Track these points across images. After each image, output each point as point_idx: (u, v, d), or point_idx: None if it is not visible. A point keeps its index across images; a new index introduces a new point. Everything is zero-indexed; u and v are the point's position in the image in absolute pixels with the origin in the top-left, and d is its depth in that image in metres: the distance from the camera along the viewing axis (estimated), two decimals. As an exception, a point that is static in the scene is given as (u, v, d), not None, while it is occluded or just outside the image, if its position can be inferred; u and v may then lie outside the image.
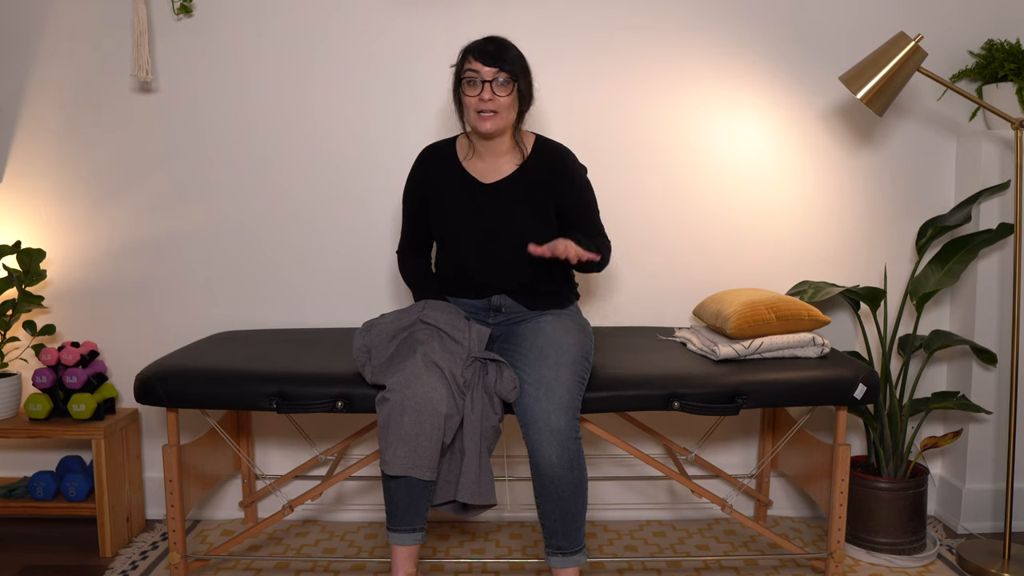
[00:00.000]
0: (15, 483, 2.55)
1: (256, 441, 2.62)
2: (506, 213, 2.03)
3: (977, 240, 2.37)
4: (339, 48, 2.51)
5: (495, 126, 1.97)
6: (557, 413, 1.79)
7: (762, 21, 2.53)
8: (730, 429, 2.64)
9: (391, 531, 1.83)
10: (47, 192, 2.56)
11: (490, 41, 1.96)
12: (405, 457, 1.76)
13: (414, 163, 2.15)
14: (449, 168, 2.09)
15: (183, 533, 2.07)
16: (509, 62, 1.93)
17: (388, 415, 1.78)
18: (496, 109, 1.95)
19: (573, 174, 2.06)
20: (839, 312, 2.61)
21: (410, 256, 2.18)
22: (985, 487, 2.55)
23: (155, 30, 2.50)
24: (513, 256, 2.03)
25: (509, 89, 1.95)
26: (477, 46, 1.96)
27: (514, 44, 1.99)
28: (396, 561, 1.83)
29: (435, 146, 2.14)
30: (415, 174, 2.13)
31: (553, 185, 2.05)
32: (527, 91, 2.00)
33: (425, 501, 1.83)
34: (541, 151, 2.08)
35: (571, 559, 1.85)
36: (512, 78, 1.94)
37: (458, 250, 2.07)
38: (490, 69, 1.93)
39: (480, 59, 1.93)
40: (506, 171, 2.06)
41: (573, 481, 1.80)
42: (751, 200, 2.58)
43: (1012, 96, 2.43)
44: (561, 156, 2.08)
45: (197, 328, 2.60)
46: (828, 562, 2.12)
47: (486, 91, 1.93)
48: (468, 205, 2.05)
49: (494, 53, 1.93)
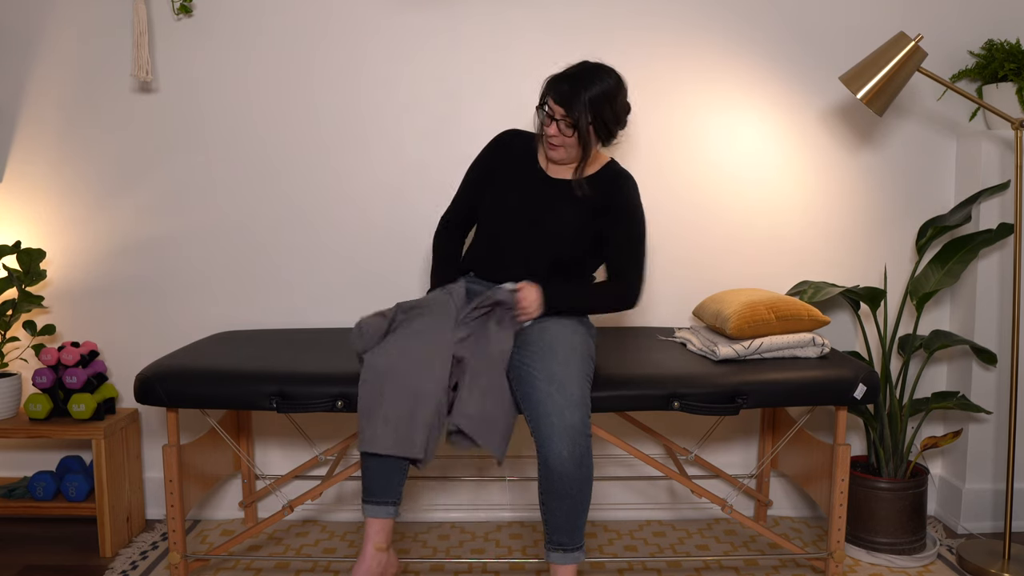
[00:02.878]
0: (15, 483, 2.55)
1: (256, 441, 2.62)
2: (554, 207, 2.05)
3: (977, 240, 2.37)
4: (339, 48, 2.51)
5: (560, 157, 2.03)
6: (571, 409, 1.79)
7: (762, 21, 2.53)
8: (730, 429, 2.64)
9: (365, 503, 1.84)
10: (47, 192, 2.56)
11: (572, 77, 1.95)
12: (385, 436, 1.77)
13: (494, 138, 2.18)
14: (524, 152, 2.13)
15: (183, 533, 2.07)
16: (577, 108, 1.93)
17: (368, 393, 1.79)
18: (562, 144, 2.00)
19: (624, 205, 2.05)
20: (839, 312, 2.61)
21: (449, 230, 2.19)
22: (985, 487, 2.55)
23: (155, 30, 2.50)
24: (540, 250, 2.05)
25: (573, 131, 1.97)
26: (558, 79, 1.97)
27: (601, 79, 1.95)
28: (368, 532, 1.84)
29: (518, 131, 2.18)
30: (493, 146, 2.17)
31: (603, 208, 2.06)
32: (601, 130, 2.00)
33: (400, 477, 1.84)
34: (607, 173, 2.09)
35: (571, 555, 1.85)
36: (575, 125, 1.95)
37: (495, 228, 2.08)
38: (559, 109, 1.96)
39: (554, 96, 1.96)
40: (571, 174, 2.09)
41: (581, 478, 1.80)
42: (751, 200, 2.58)
43: (1012, 96, 2.43)
44: (619, 183, 2.07)
45: (197, 328, 2.60)
46: (828, 562, 2.12)
47: (553, 128, 1.97)
48: (523, 188, 2.08)
49: (566, 94, 1.94)
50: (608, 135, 2.03)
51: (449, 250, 2.17)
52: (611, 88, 1.96)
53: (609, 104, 1.97)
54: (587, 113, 1.94)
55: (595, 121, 1.97)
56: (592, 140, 2.00)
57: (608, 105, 1.96)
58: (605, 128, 2.00)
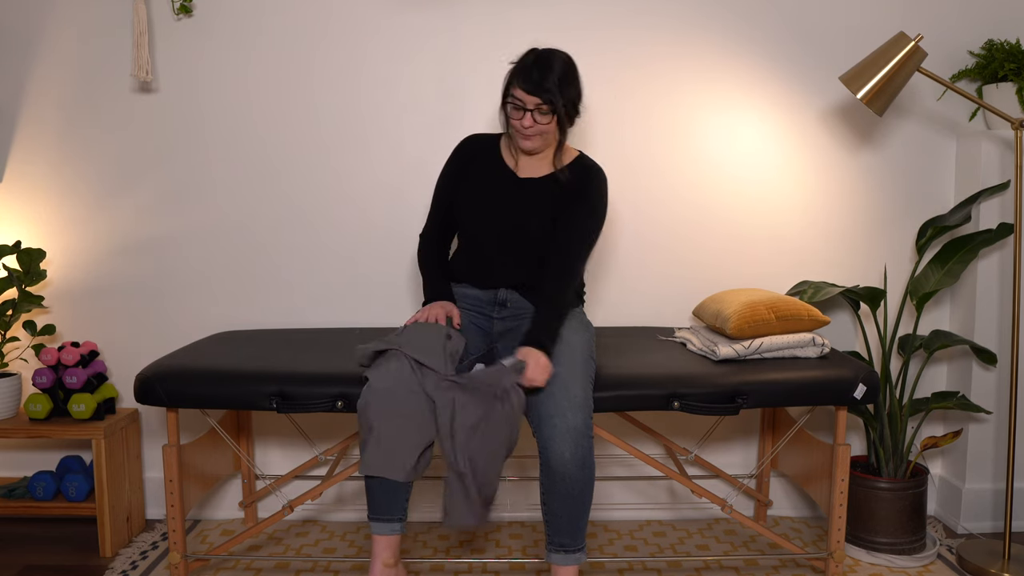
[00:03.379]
0: (15, 483, 2.55)
1: (256, 441, 2.62)
2: (529, 209, 2.04)
3: (977, 240, 2.37)
4: (339, 48, 2.51)
5: (535, 146, 2.01)
6: (574, 410, 1.79)
7: (762, 21, 2.53)
8: (730, 429, 2.64)
9: (371, 520, 1.85)
10: (47, 192, 2.56)
11: (535, 65, 1.94)
12: (379, 459, 1.78)
13: (455, 147, 2.16)
14: (488, 157, 2.11)
15: (183, 533, 2.07)
16: (550, 91, 1.92)
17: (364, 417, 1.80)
18: (537, 133, 1.98)
19: (587, 197, 2.04)
20: (839, 312, 2.61)
21: (431, 245, 2.16)
22: (985, 487, 2.55)
23: (155, 30, 2.50)
24: (526, 251, 2.04)
25: (550, 117, 1.96)
26: (522, 71, 1.95)
27: (561, 59, 1.95)
28: (375, 549, 1.85)
29: (479, 136, 2.16)
30: (455, 157, 2.14)
31: (568, 195, 2.05)
32: (571, 111, 1.99)
33: (405, 493, 1.84)
34: (576, 166, 2.08)
35: (572, 557, 1.85)
36: (552, 108, 1.94)
37: (477, 236, 2.07)
38: (532, 99, 1.93)
39: (523, 86, 1.93)
40: (541, 172, 2.08)
41: (583, 480, 1.80)
42: (751, 200, 2.58)
43: (1012, 96, 2.43)
44: (588, 176, 2.06)
45: (197, 328, 2.60)
46: (828, 562, 2.12)
47: (527, 119, 1.95)
48: (498, 193, 2.06)
49: (536, 81, 1.92)
50: (575, 114, 2.02)
51: (436, 264, 2.15)
52: (571, 67, 1.97)
53: (573, 83, 1.98)
54: (559, 94, 1.94)
55: (565, 102, 1.96)
56: (566, 122, 2.00)
57: (573, 84, 1.97)
58: (574, 108, 2.00)
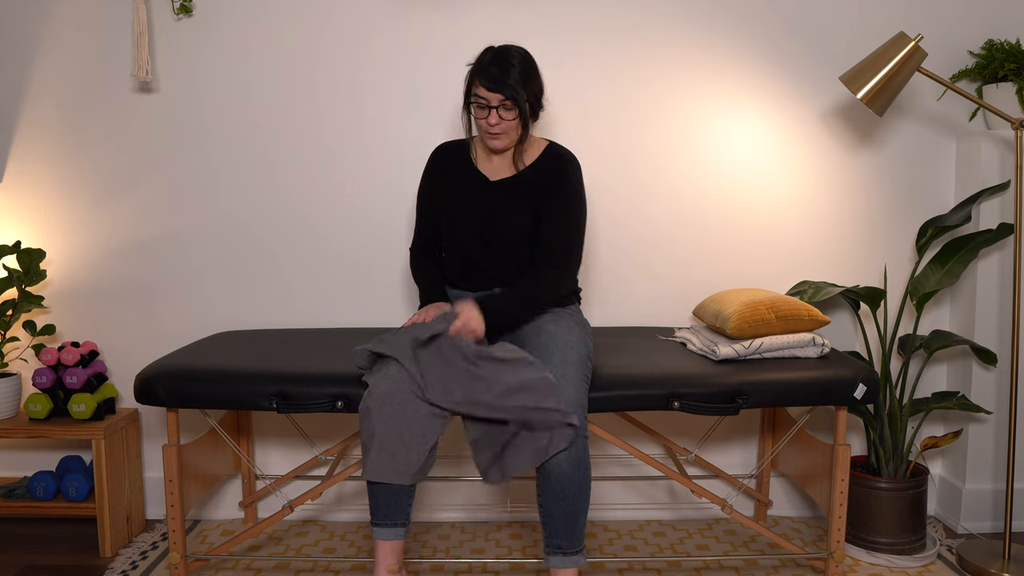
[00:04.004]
0: (15, 483, 2.55)
1: (256, 441, 2.62)
2: (506, 209, 2.05)
3: (977, 240, 2.37)
4: (339, 48, 2.51)
5: (503, 144, 2.02)
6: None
7: (762, 21, 2.53)
8: (730, 429, 2.64)
9: (374, 525, 1.86)
10: (47, 192, 2.56)
11: (493, 62, 1.95)
12: (382, 464, 1.79)
13: (428, 159, 2.17)
14: (461, 164, 2.12)
15: (183, 533, 2.07)
16: (512, 87, 1.93)
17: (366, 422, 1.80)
18: (504, 131, 1.98)
19: (562, 183, 2.04)
20: (839, 312, 2.61)
21: (421, 257, 2.18)
22: (985, 487, 2.55)
23: (155, 30, 2.50)
24: (510, 250, 2.05)
25: (515, 112, 1.97)
26: (482, 69, 1.95)
27: (519, 54, 1.97)
28: (378, 555, 1.86)
29: (449, 144, 2.17)
30: (429, 169, 2.16)
31: (542, 187, 2.05)
32: (535, 104, 2.01)
33: (407, 498, 1.85)
34: (547, 156, 2.08)
35: (571, 559, 1.85)
36: (516, 103, 1.95)
37: (463, 242, 2.09)
38: (495, 96, 1.94)
39: (485, 84, 1.94)
40: (513, 171, 2.08)
41: (579, 480, 1.80)
42: (751, 200, 2.58)
43: (1012, 96, 2.43)
44: (560, 164, 2.07)
45: (197, 328, 2.60)
46: (828, 562, 2.12)
47: (492, 116, 1.96)
48: (474, 199, 2.07)
49: (498, 78, 1.93)
50: (539, 107, 2.03)
51: (429, 273, 2.15)
52: (530, 61, 1.99)
53: (534, 77, 1.99)
54: (522, 89, 1.95)
55: (529, 96, 1.97)
56: (529, 116, 2.01)
57: (534, 78, 1.99)
58: (537, 101, 2.01)
